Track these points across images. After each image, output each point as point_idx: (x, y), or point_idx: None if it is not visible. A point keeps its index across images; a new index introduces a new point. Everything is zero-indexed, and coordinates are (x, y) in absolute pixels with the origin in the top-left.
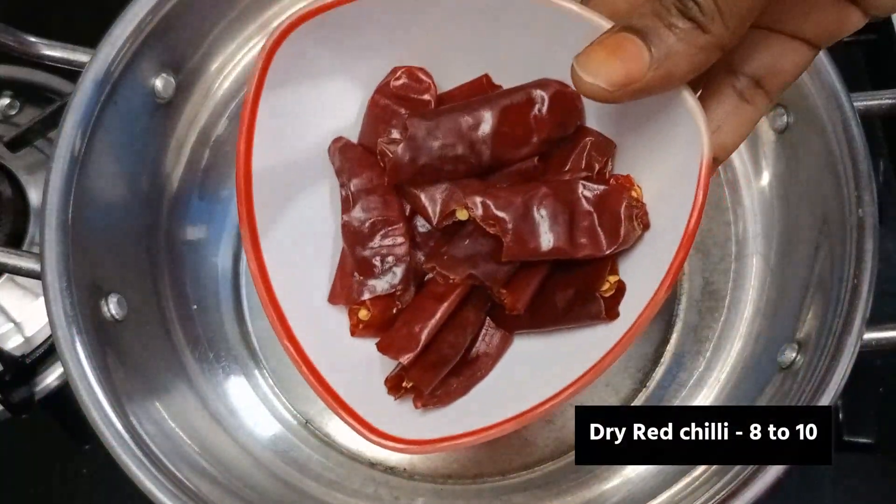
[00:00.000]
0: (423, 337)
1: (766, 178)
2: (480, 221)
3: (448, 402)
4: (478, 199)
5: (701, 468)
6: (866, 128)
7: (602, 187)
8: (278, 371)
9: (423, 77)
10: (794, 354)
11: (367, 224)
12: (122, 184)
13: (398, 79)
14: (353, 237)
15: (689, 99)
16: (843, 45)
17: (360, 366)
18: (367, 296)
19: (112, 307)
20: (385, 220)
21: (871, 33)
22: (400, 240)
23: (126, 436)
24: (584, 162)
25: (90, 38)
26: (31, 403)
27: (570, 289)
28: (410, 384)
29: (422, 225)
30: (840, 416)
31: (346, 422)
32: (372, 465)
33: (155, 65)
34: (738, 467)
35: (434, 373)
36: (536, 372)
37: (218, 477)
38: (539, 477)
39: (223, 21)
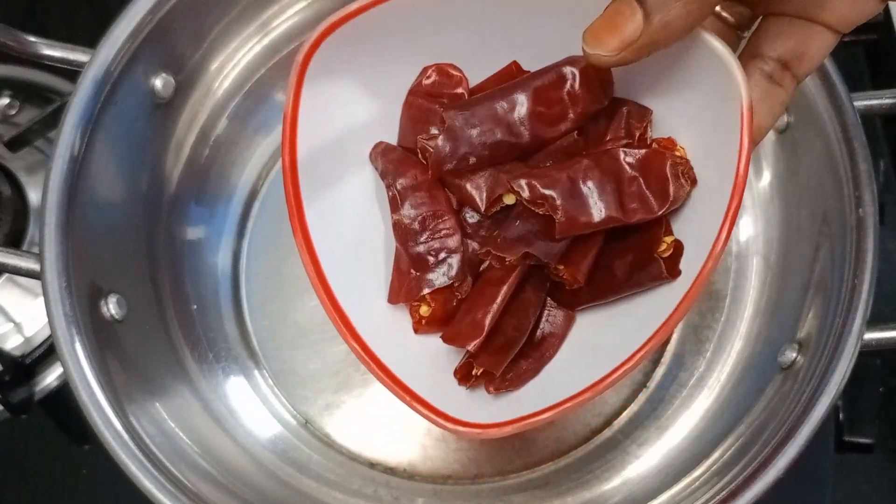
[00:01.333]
0: (487, 322)
1: (766, 178)
2: (528, 203)
3: (520, 384)
4: (523, 182)
5: (701, 468)
6: (866, 128)
7: (643, 151)
8: (278, 371)
9: (454, 72)
10: (794, 354)
11: (417, 220)
12: (121, 184)
13: (429, 77)
14: (405, 235)
15: (716, 44)
16: (843, 45)
17: (428, 361)
18: (426, 291)
19: (112, 307)
20: (434, 214)
21: (872, 33)
22: (451, 231)
23: (126, 436)
24: (623, 130)
25: (90, 38)
26: (31, 403)
27: (628, 255)
28: (481, 370)
29: (471, 215)
30: (840, 416)
31: (423, 413)
32: (372, 465)
33: (155, 65)
34: (738, 467)
35: (503, 355)
36: (604, 343)
37: (218, 477)
38: (539, 477)
39: (223, 21)
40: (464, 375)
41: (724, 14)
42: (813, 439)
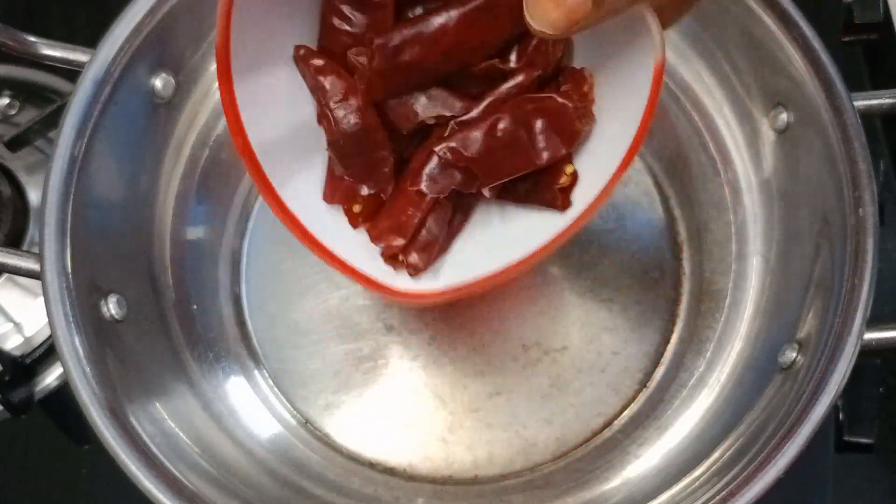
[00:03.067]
0: (413, 223)
1: (766, 177)
2: (451, 165)
3: (433, 254)
4: (444, 147)
5: (701, 468)
6: (866, 128)
7: (548, 95)
8: (278, 371)
9: None
10: (794, 354)
11: (349, 135)
12: (122, 184)
13: None
14: (338, 149)
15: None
16: (843, 45)
17: (367, 246)
18: (359, 196)
19: (112, 307)
20: (366, 129)
21: (872, 33)
22: (381, 144)
23: (126, 436)
24: (540, 56)
25: (90, 38)
26: (31, 403)
27: (531, 178)
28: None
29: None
30: (840, 416)
31: (372, 286)
32: (371, 465)
33: (155, 65)
34: (738, 467)
35: (428, 252)
36: (500, 239)
37: (218, 477)
38: (539, 478)
39: None
40: (388, 258)
41: None
42: (813, 439)
